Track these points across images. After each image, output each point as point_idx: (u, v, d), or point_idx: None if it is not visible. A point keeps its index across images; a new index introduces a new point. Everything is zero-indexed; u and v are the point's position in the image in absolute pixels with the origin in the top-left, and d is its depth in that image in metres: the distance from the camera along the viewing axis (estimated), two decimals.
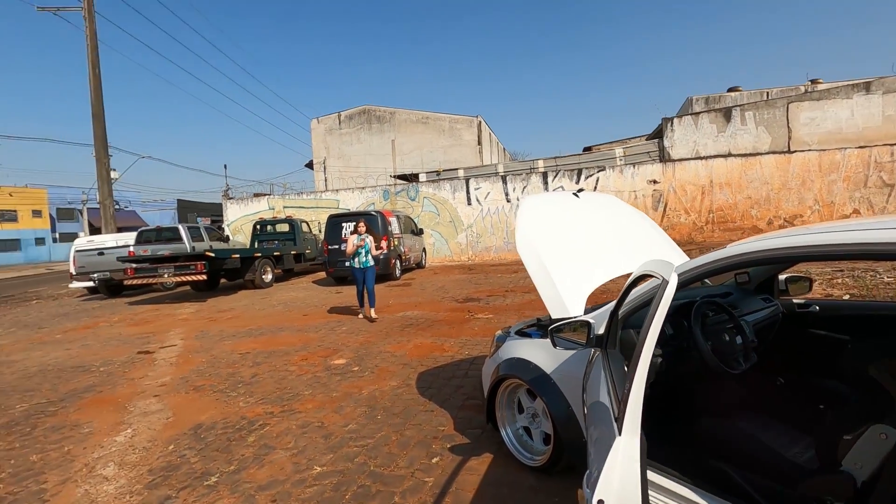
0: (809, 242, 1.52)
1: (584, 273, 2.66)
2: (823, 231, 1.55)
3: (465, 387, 4.14)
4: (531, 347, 2.69)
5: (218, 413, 3.93)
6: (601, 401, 1.99)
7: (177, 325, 8.11)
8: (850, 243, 1.39)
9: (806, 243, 1.54)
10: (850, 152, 14.14)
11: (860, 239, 1.38)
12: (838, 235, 1.47)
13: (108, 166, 18.62)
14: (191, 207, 46.29)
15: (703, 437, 2.13)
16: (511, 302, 8.16)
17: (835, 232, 1.50)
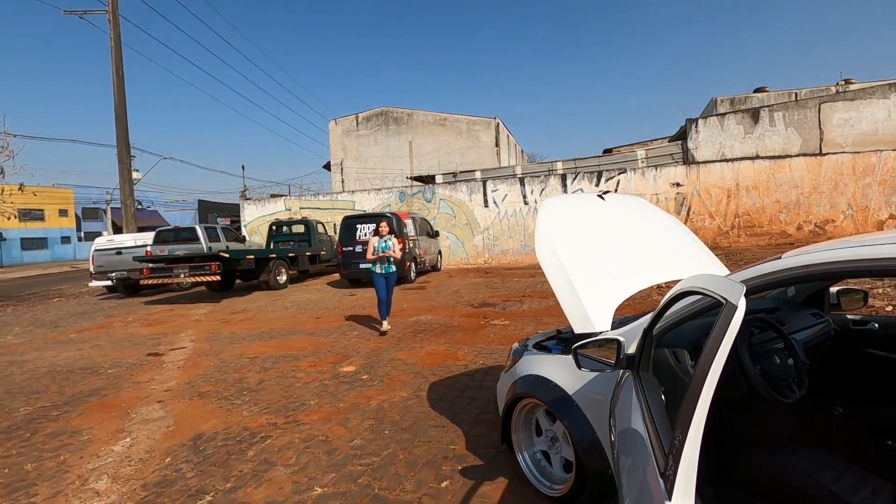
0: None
1: (611, 283, 2.41)
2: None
3: (478, 399, 3.90)
4: (551, 364, 2.44)
5: (220, 422, 3.76)
6: (634, 427, 1.75)
7: (189, 327, 8.04)
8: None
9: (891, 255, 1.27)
10: (887, 154, 13.49)
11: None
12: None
13: (129, 167, 18.88)
14: (211, 208, 46.95)
15: (749, 476, 1.86)
16: (528, 307, 7.89)
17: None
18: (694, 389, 1.09)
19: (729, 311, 1.09)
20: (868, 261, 1.35)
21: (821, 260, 1.47)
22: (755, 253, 12.51)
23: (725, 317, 1.10)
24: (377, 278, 6.55)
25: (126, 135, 17.73)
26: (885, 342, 2.37)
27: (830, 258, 1.45)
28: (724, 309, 1.14)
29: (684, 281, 1.59)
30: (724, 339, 1.06)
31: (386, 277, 6.55)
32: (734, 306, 1.09)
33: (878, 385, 2.26)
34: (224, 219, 38.59)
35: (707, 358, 1.09)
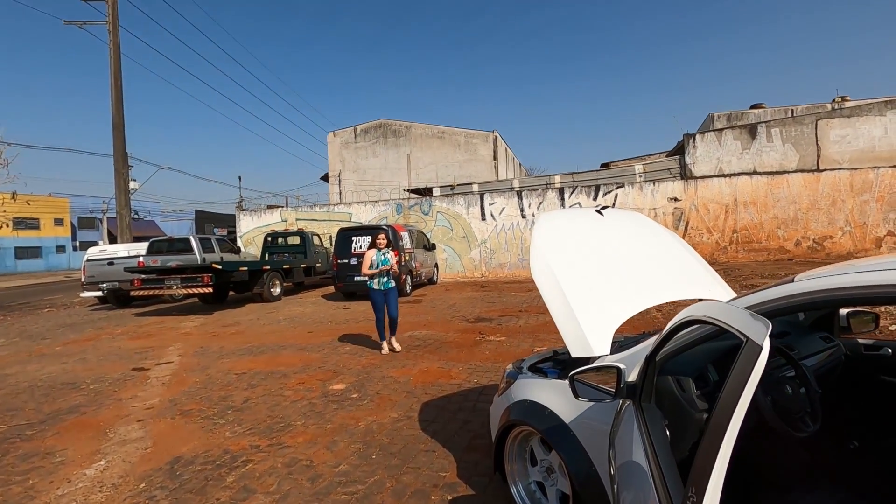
0: None
1: (610, 304, 2.28)
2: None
3: (472, 422, 3.74)
4: (547, 389, 2.30)
5: (200, 444, 3.59)
6: (636, 461, 1.61)
7: (178, 340, 7.86)
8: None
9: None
10: (884, 171, 13.50)
11: None
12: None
13: (126, 177, 18.78)
14: (208, 218, 46.85)
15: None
16: (525, 323, 7.74)
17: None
18: (712, 439, 0.95)
19: (752, 352, 0.97)
20: (886, 287, 1.23)
21: (836, 285, 1.36)
22: (754, 269, 12.42)
23: (748, 358, 0.97)
24: (376, 296, 6.04)
25: (123, 145, 17.66)
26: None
27: (846, 283, 1.34)
28: (745, 348, 1.01)
29: (693, 308, 1.47)
30: (748, 384, 0.94)
31: (385, 294, 6.06)
32: (758, 347, 0.96)
33: (892, 414, 2.13)
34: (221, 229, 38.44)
35: (727, 403, 0.96)
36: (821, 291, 1.39)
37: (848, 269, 1.43)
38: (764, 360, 0.95)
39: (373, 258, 5.95)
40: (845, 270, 1.42)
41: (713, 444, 0.97)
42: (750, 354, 0.97)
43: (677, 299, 2.53)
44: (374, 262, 5.93)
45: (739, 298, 1.63)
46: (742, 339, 1.05)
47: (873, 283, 1.27)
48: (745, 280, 10.61)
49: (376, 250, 6.00)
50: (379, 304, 6.06)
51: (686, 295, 2.57)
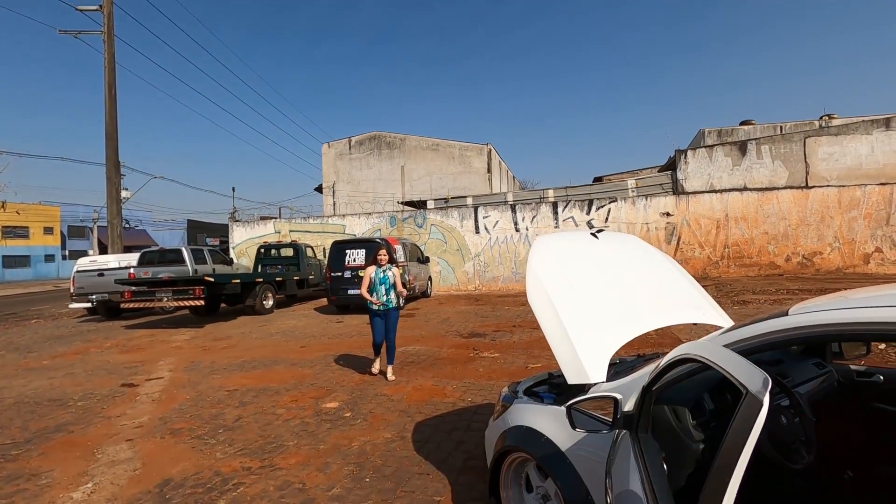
0: None
1: (607, 330, 2.29)
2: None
3: (466, 443, 3.72)
4: (543, 416, 2.30)
5: (191, 465, 3.53)
6: (633, 490, 1.61)
7: (169, 354, 7.76)
8: None
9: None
10: (871, 189, 13.74)
11: None
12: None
13: (118, 186, 18.66)
14: (201, 228, 46.54)
15: None
16: (519, 339, 7.74)
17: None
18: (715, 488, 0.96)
19: (753, 407, 0.98)
20: (879, 324, 1.25)
21: (829, 321, 1.38)
22: (745, 284, 12.53)
23: (749, 412, 0.98)
24: (374, 318, 5.56)
25: (116, 154, 17.59)
26: (891, 395, 2.26)
27: (840, 319, 1.36)
28: (745, 401, 1.02)
29: (689, 346, 1.48)
30: (750, 437, 0.94)
31: (385, 316, 5.54)
32: (759, 403, 0.97)
33: (886, 443, 2.14)
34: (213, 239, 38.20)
35: (730, 453, 0.97)
36: (814, 326, 1.40)
37: (841, 304, 1.45)
38: (764, 415, 0.96)
39: (372, 276, 5.51)
40: (839, 305, 1.44)
41: (717, 492, 0.97)
42: (752, 408, 0.98)
43: (673, 324, 2.55)
44: (374, 280, 5.49)
45: (733, 331, 1.65)
46: (742, 391, 1.06)
47: (867, 319, 1.28)
48: (737, 295, 10.70)
49: (376, 267, 5.55)
50: (378, 327, 5.56)
51: (682, 320, 2.59)
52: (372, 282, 5.51)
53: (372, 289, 5.54)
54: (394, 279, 5.57)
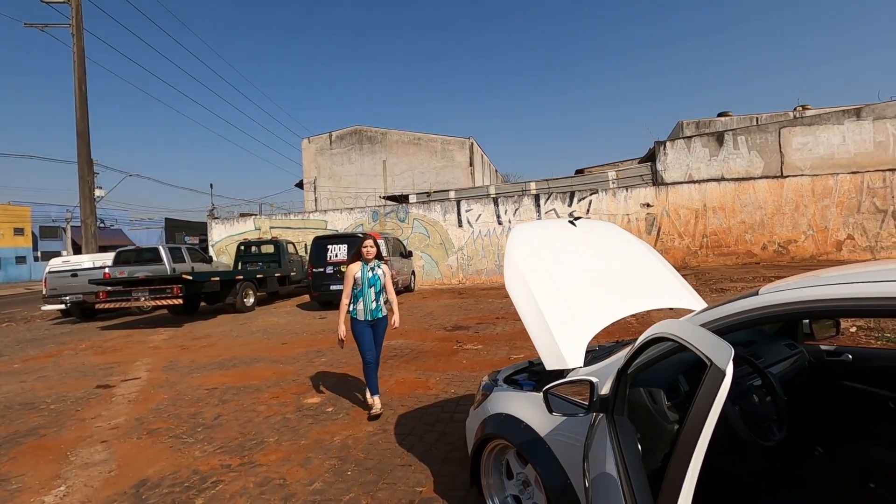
0: (883, 293, 1.16)
1: (584, 316, 2.30)
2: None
3: (449, 434, 3.72)
4: (522, 402, 2.30)
5: (168, 465, 3.46)
6: (608, 472, 1.62)
7: (146, 354, 7.60)
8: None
9: (877, 294, 1.18)
10: (843, 178, 14.09)
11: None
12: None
13: (91, 185, 18.18)
14: (179, 226, 45.64)
15: None
16: (501, 330, 7.77)
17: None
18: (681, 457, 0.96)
19: (716, 378, 0.98)
20: (847, 300, 1.27)
21: (798, 298, 1.39)
22: (723, 272, 12.77)
23: (711, 383, 0.98)
24: (360, 330, 4.21)
25: (88, 151, 17.12)
26: (859, 374, 2.32)
27: (807, 296, 1.37)
28: (709, 372, 1.02)
29: (661, 325, 1.48)
30: (714, 406, 0.95)
31: (373, 326, 4.28)
32: (721, 373, 0.97)
33: (854, 420, 2.19)
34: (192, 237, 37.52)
35: (695, 423, 0.97)
36: (784, 305, 1.42)
37: (810, 282, 1.46)
38: (728, 385, 0.97)
39: (356, 275, 4.18)
40: (807, 283, 1.46)
41: (682, 462, 0.97)
42: (715, 378, 0.99)
43: (650, 309, 2.57)
44: (360, 280, 4.19)
45: (706, 311, 1.66)
46: (707, 363, 1.06)
47: (834, 296, 1.30)
48: (715, 284, 10.90)
49: (361, 264, 4.23)
50: (366, 341, 4.21)
51: (658, 304, 2.61)
52: (357, 283, 4.19)
53: (357, 292, 4.21)
54: (385, 280, 4.33)
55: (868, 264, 1.54)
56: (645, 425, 1.72)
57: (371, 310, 4.22)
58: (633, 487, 1.36)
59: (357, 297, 4.22)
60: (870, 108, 14.34)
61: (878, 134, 14.16)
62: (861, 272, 1.40)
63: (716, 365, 1.00)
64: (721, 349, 1.05)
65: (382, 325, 4.37)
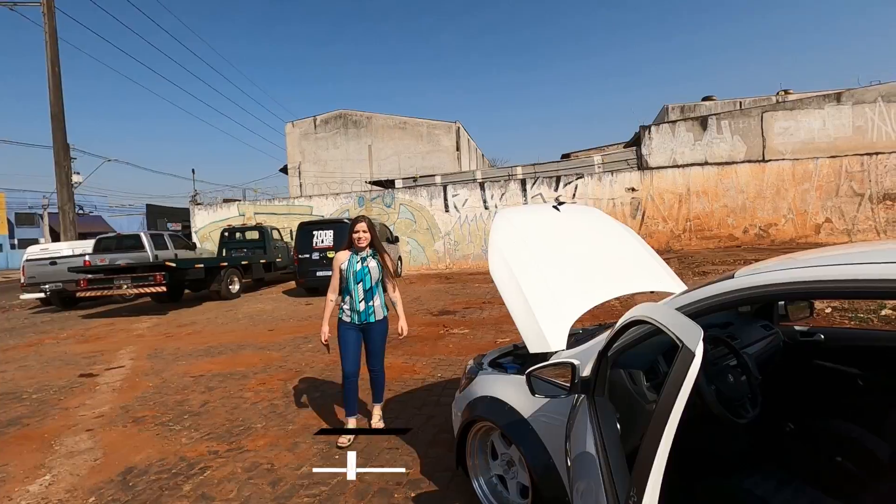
0: (853, 275, 1.20)
1: (567, 299, 2.33)
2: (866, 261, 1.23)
3: (436, 417, 3.77)
4: (506, 385, 2.34)
5: (155, 452, 3.46)
6: (588, 452, 1.67)
7: (130, 342, 7.52)
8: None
9: (848, 276, 1.21)
10: (823, 162, 14.33)
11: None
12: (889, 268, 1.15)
13: (68, 170, 17.75)
14: (161, 213, 44.79)
15: (705, 502, 1.81)
16: (488, 315, 7.83)
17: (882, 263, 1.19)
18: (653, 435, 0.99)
19: (686, 358, 1.01)
20: (819, 282, 1.30)
21: (772, 281, 1.43)
22: (706, 256, 12.98)
23: (682, 363, 1.01)
24: (343, 333, 3.47)
25: (64, 135, 16.67)
26: (830, 353, 2.40)
27: (782, 279, 1.41)
28: (681, 353, 1.06)
29: (639, 308, 1.52)
30: (683, 387, 0.98)
31: (363, 331, 3.48)
32: (692, 353, 1.00)
33: (824, 397, 2.28)
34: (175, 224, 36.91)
35: (666, 402, 1.00)
36: (758, 287, 1.46)
37: (785, 265, 1.50)
38: (697, 365, 1.00)
39: (343, 267, 3.40)
40: (782, 266, 1.50)
41: (654, 438, 1.01)
42: (685, 359, 1.02)
43: (632, 292, 2.62)
44: (346, 274, 3.39)
45: (684, 295, 1.70)
46: (679, 344, 1.09)
47: (807, 279, 1.34)
48: (698, 267, 11.09)
49: (350, 254, 3.42)
50: (349, 349, 3.45)
51: (640, 288, 2.66)
52: (342, 276, 3.41)
53: (344, 288, 3.44)
54: (380, 273, 3.46)
55: (842, 247, 1.58)
56: (624, 405, 1.77)
57: (358, 311, 3.41)
58: (611, 465, 1.41)
59: (344, 294, 3.46)
60: (850, 92, 14.54)
61: (857, 119, 14.39)
62: (834, 255, 1.44)
63: (686, 346, 1.03)
64: (691, 331, 1.09)
65: (377, 332, 3.51)
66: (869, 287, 1.11)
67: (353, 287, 3.40)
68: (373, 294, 3.44)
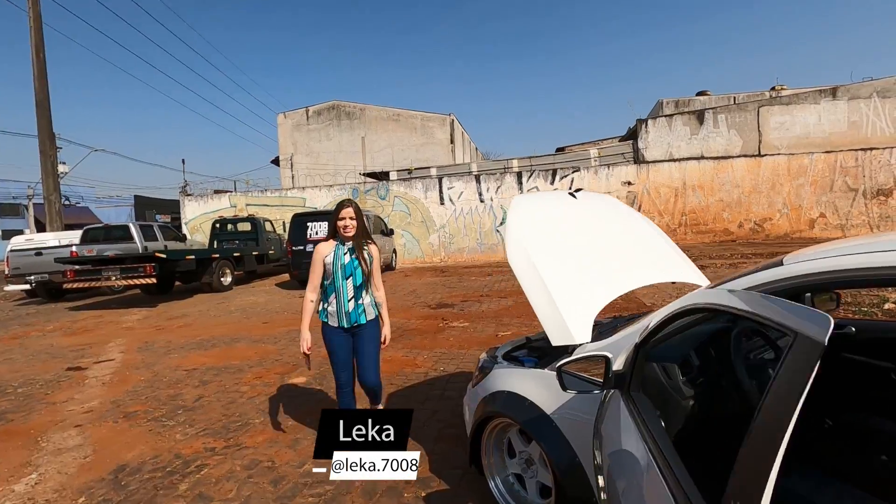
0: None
1: (590, 290, 2.21)
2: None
3: (441, 411, 3.65)
4: (525, 379, 2.21)
5: (148, 449, 3.30)
6: (626, 449, 1.55)
7: (120, 335, 7.32)
8: None
9: None
10: (818, 157, 14.36)
11: None
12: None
13: (54, 159, 17.33)
14: (149, 204, 44.08)
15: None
16: (487, 308, 7.72)
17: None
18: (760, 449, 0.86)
19: (808, 349, 0.88)
20: (874, 269, 1.20)
21: (829, 268, 1.33)
22: (702, 250, 12.97)
23: (804, 356, 0.88)
24: (331, 338, 3.02)
25: (49, 124, 16.26)
26: (861, 346, 2.31)
27: (836, 266, 1.31)
28: (796, 344, 0.93)
29: (699, 294, 1.40)
30: (804, 386, 0.85)
31: (354, 335, 3.01)
32: (819, 344, 0.88)
33: (858, 392, 2.18)
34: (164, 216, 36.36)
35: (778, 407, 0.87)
36: (813, 274, 1.36)
37: (837, 251, 1.40)
38: (818, 359, 0.88)
39: (326, 259, 2.89)
40: (834, 252, 1.39)
41: (763, 450, 0.88)
42: (808, 352, 0.89)
43: (654, 283, 2.50)
44: (331, 268, 2.88)
45: (727, 283, 1.58)
46: (792, 334, 0.96)
47: (862, 265, 1.24)
48: (695, 260, 10.98)
49: (335, 244, 2.93)
50: (340, 355, 3.04)
51: (661, 278, 2.56)
52: (327, 271, 2.89)
53: (328, 286, 2.94)
54: (370, 266, 2.95)
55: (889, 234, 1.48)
56: (659, 401, 1.66)
57: (347, 312, 2.91)
58: (671, 465, 1.30)
59: (328, 291, 2.94)
60: (845, 88, 14.56)
61: (852, 114, 14.42)
62: (885, 241, 1.34)
63: (812, 339, 0.90)
64: (814, 318, 0.96)
65: (370, 334, 3.00)
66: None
67: (342, 283, 2.89)
68: (363, 291, 2.98)
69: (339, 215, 2.92)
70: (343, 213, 2.92)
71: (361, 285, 2.95)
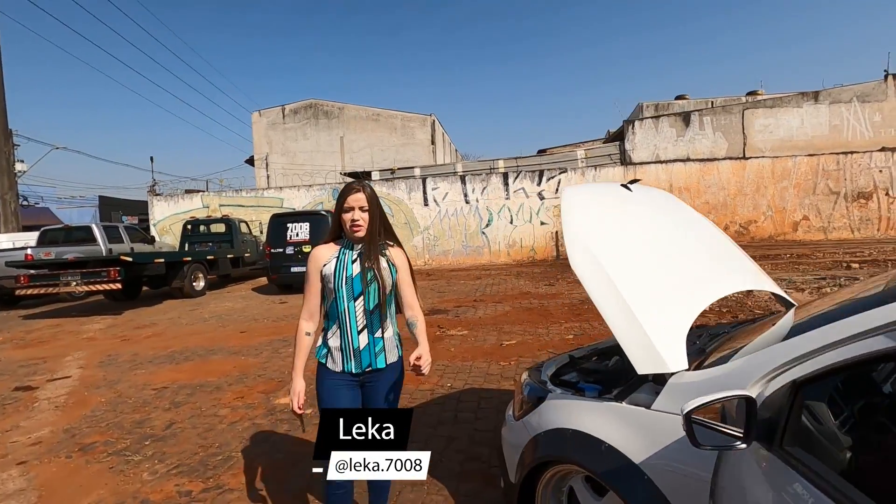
0: None
1: (674, 303, 1.78)
2: None
3: (458, 439, 3.17)
4: (595, 415, 1.76)
5: (108, 494, 2.73)
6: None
7: (79, 347, 6.59)
8: None
9: None
10: (801, 160, 14.45)
11: None
12: None
13: (10, 157, 16.20)
14: (116, 205, 42.11)
15: None
16: (484, 314, 7.28)
17: None
18: None
19: None
20: None
21: None
22: None
23: None
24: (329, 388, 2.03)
25: (5, 119, 15.19)
26: None
27: None
28: None
29: None
30: None
31: (364, 383, 2.02)
32: None
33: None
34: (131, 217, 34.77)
35: None
36: None
37: None
38: None
39: (324, 269, 1.91)
40: None
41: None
42: None
43: (734, 292, 2.10)
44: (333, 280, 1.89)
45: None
46: None
47: None
48: None
49: (338, 247, 1.95)
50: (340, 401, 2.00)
51: (738, 287, 2.16)
52: (327, 287, 1.92)
53: (329, 309, 1.96)
54: (393, 280, 1.98)
55: None
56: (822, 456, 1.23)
57: (356, 350, 1.94)
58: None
59: (329, 317, 1.97)
60: (826, 91, 14.73)
61: (833, 118, 14.59)
62: None
63: None
64: None
65: (386, 385, 2.04)
66: None
67: (347, 305, 1.89)
68: (381, 318, 1.96)
69: (346, 204, 1.89)
70: (350, 201, 1.89)
71: (377, 309, 1.92)
